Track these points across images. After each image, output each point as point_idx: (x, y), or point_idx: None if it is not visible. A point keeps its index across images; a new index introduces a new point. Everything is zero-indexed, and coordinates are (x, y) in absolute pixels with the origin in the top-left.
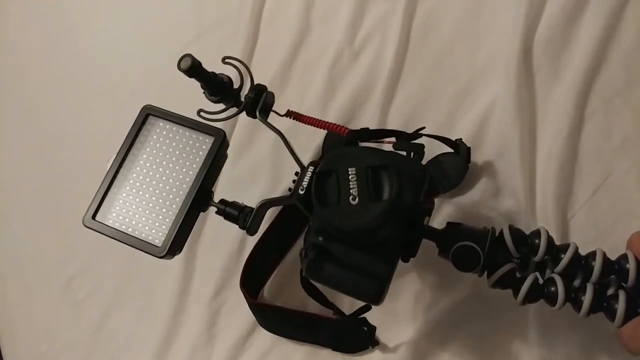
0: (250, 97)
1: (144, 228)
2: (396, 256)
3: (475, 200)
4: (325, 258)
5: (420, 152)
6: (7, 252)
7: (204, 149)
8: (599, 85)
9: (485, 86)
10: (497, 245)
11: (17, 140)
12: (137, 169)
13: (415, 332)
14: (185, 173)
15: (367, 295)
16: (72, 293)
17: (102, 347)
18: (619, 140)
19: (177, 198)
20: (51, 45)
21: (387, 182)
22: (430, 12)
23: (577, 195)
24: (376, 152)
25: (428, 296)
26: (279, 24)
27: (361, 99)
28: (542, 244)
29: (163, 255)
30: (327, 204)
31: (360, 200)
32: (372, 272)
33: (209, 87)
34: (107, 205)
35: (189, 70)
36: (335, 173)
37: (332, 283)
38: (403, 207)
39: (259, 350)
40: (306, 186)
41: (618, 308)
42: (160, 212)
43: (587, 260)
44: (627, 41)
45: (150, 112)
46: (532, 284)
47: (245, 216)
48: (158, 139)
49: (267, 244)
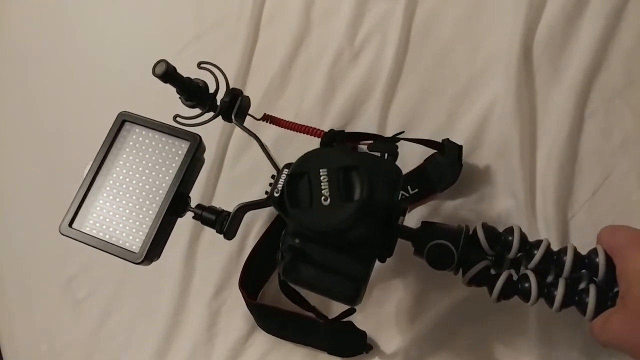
0: (226, 101)
1: (122, 235)
2: (372, 256)
3: (474, 200)
4: (301, 260)
5: (394, 153)
6: (7, 252)
7: (180, 154)
8: (599, 85)
9: (485, 86)
10: (471, 243)
11: (17, 140)
12: (114, 175)
13: (413, 335)
14: (161, 179)
15: (343, 296)
16: (72, 293)
17: (102, 347)
18: (619, 140)
19: (154, 204)
20: (51, 45)
21: (359, 182)
22: (430, 12)
23: (577, 195)
24: (348, 153)
25: (426, 298)
26: (279, 24)
27: (361, 99)
28: (515, 241)
29: (140, 262)
30: (299, 206)
31: (332, 200)
32: (348, 273)
33: (184, 92)
34: (84, 213)
35: (164, 75)
36: (307, 174)
37: (309, 285)
38: (376, 206)
39: (258, 351)
40: (281, 189)
41: (589, 302)
42: (137, 219)
43: (559, 256)
44: (627, 41)
45: (126, 119)
46: (506, 280)
47: (222, 220)
48: (134, 145)
49: (266, 244)
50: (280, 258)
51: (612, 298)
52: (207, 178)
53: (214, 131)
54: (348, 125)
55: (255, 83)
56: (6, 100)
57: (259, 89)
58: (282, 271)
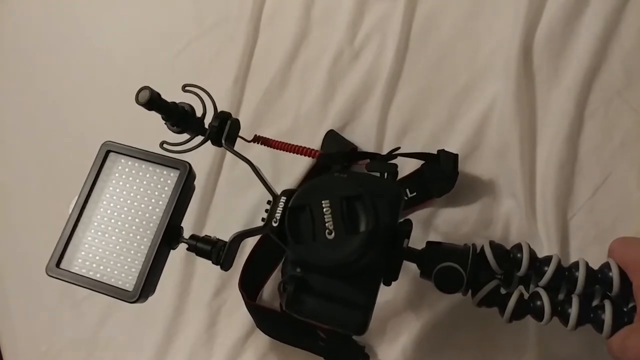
0: (215, 125)
1: (113, 272)
2: (377, 282)
3: (474, 201)
4: (304, 290)
5: (394, 172)
6: (7, 252)
7: (169, 183)
8: (599, 85)
9: (485, 86)
10: (479, 263)
11: (18, 140)
12: (101, 210)
13: (411, 339)
14: (151, 211)
15: (351, 326)
16: (72, 293)
17: (102, 347)
18: (619, 140)
19: (145, 238)
20: (51, 44)
21: (363, 212)
22: (430, 12)
23: (577, 195)
24: (350, 180)
25: (424, 301)
26: (279, 24)
27: (361, 99)
28: (525, 259)
29: (135, 301)
30: (302, 241)
31: (337, 234)
32: (354, 302)
33: (170, 118)
34: (72, 251)
35: (148, 103)
36: (309, 207)
37: (314, 316)
38: (380, 236)
39: (258, 351)
40: (279, 219)
41: (605, 319)
42: (128, 254)
43: (571, 271)
44: (627, 41)
45: (110, 149)
46: (518, 300)
47: (218, 251)
48: (120, 176)
49: (266, 245)
50: (283, 289)
51: (628, 314)
52: (206, 180)
53: None
54: (348, 125)
55: (255, 83)
56: (6, 100)
57: (259, 89)
58: (285, 304)
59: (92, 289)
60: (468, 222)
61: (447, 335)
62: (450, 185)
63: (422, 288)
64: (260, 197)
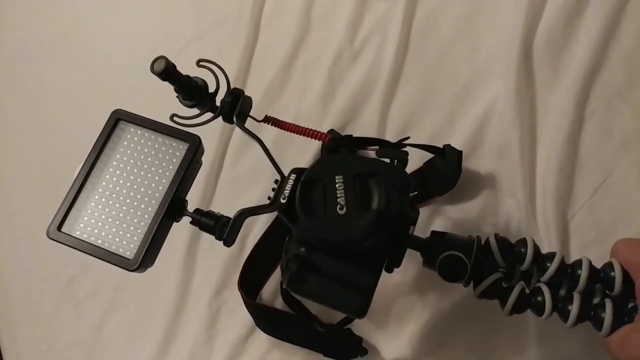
0: (227, 101)
1: (115, 240)
2: (380, 267)
3: (474, 201)
4: (307, 269)
5: (404, 160)
6: (7, 251)
7: (178, 155)
8: (599, 85)
9: (485, 86)
10: (483, 254)
11: (18, 140)
12: (106, 177)
13: (410, 336)
14: (157, 181)
15: (351, 308)
16: (73, 293)
17: (102, 347)
18: (619, 140)
19: (150, 208)
20: (50, 44)
21: (376, 191)
22: (430, 12)
23: (577, 195)
24: (363, 159)
25: (424, 298)
26: (279, 24)
27: (361, 99)
28: (529, 253)
29: (135, 269)
30: (313, 215)
31: (348, 209)
32: (355, 284)
33: (183, 91)
34: (75, 216)
35: (163, 73)
36: (322, 182)
37: (315, 296)
38: (390, 216)
39: (258, 351)
40: (288, 195)
41: (605, 317)
42: (131, 223)
43: (573, 269)
44: (627, 41)
45: (120, 117)
46: (519, 294)
47: (222, 226)
48: (129, 145)
49: (266, 244)
50: (285, 267)
51: (628, 313)
52: (207, 177)
53: (215, 130)
54: (348, 125)
55: (255, 83)
56: (7, 100)
57: (259, 89)
58: (287, 281)
59: (92, 255)
60: (468, 221)
61: (447, 332)
62: (454, 182)
63: (423, 286)
64: (262, 193)
